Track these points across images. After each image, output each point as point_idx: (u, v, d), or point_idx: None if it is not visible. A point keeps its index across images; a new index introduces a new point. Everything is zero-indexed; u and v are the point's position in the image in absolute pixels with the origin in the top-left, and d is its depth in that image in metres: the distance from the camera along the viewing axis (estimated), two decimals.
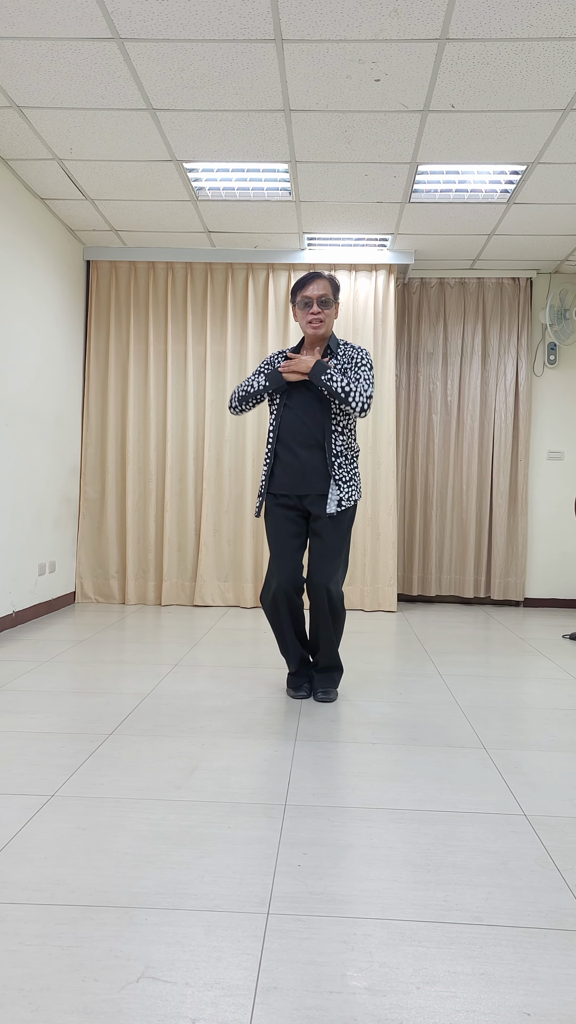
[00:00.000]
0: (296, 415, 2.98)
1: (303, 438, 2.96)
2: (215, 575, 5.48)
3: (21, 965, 1.28)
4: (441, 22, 2.83)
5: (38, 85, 3.32)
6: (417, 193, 4.36)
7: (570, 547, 5.83)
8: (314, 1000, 1.21)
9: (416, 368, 5.81)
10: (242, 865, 1.63)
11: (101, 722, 2.62)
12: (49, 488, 4.93)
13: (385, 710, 2.86)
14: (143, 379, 5.56)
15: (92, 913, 1.43)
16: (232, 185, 4.32)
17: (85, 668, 3.43)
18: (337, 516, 2.94)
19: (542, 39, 2.91)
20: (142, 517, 5.53)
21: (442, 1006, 1.20)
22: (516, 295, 5.72)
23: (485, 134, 3.67)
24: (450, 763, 2.29)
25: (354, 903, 1.49)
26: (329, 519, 2.94)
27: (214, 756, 2.31)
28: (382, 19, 2.83)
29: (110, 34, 2.95)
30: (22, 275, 4.43)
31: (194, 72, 3.19)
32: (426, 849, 1.72)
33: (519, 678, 3.44)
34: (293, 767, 2.23)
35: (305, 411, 2.96)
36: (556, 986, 1.25)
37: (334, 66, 3.13)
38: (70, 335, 5.27)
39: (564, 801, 2.02)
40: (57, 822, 1.82)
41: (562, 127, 3.56)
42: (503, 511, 5.71)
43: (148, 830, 1.79)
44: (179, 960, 1.30)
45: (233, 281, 5.53)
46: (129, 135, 3.76)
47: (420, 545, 5.81)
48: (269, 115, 3.53)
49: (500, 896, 1.52)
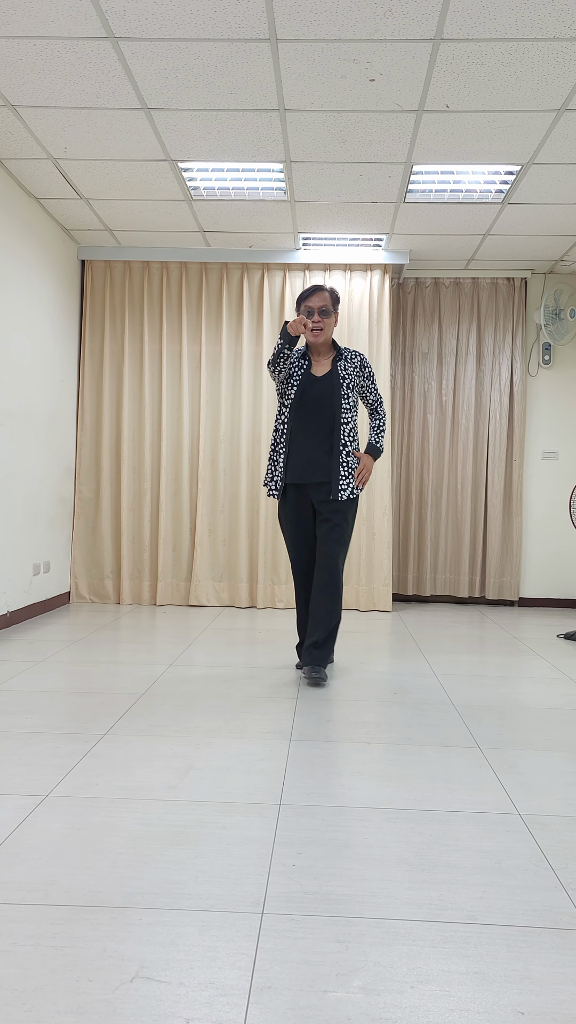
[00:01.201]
0: (309, 409, 3.31)
1: (315, 430, 3.30)
2: (210, 575, 5.48)
3: (14, 965, 1.27)
4: (435, 22, 2.84)
5: (32, 84, 3.31)
6: (412, 193, 4.36)
7: (564, 547, 5.84)
8: (308, 999, 1.21)
9: (411, 368, 5.82)
10: (237, 865, 1.63)
11: (95, 722, 2.62)
12: (43, 488, 4.92)
13: (380, 709, 2.86)
14: (138, 379, 5.56)
15: (86, 913, 1.43)
16: (227, 185, 4.32)
17: (80, 668, 3.42)
18: (347, 502, 3.29)
19: (536, 39, 2.92)
20: (137, 517, 5.52)
21: (436, 1005, 1.20)
22: (511, 295, 5.73)
23: (480, 134, 3.67)
24: (445, 762, 2.29)
25: (349, 902, 1.49)
26: (341, 505, 3.27)
27: (209, 756, 2.30)
28: (377, 19, 2.83)
29: (104, 33, 2.95)
30: (16, 275, 4.42)
31: (189, 71, 3.19)
32: (421, 848, 1.72)
33: (514, 678, 3.45)
34: (288, 767, 2.23)
35: (317, 405, 3.30)
36: (550, 985, 1.25)
37: (329, 66, 3.13)
38: (65, 335, 5.26)
39: (558, 800, 2.02)
40: (51, 822, 1.82)
41: (556, 127, 3.57)
42: (498, 511, 5.72)
43: (142, 830, 1.78)
44: (173, 960, 1.30)
45: (228, 281, 5.53)
46: (124, 134, 3.75)
47: (415, 545, 5.82)
48: (264, 115, 3.53)
49: (494, 895, 1.53)
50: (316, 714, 2.79)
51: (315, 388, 3.32)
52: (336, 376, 3.32)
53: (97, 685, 3.12)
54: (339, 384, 3.30)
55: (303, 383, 3.34)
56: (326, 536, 3.29)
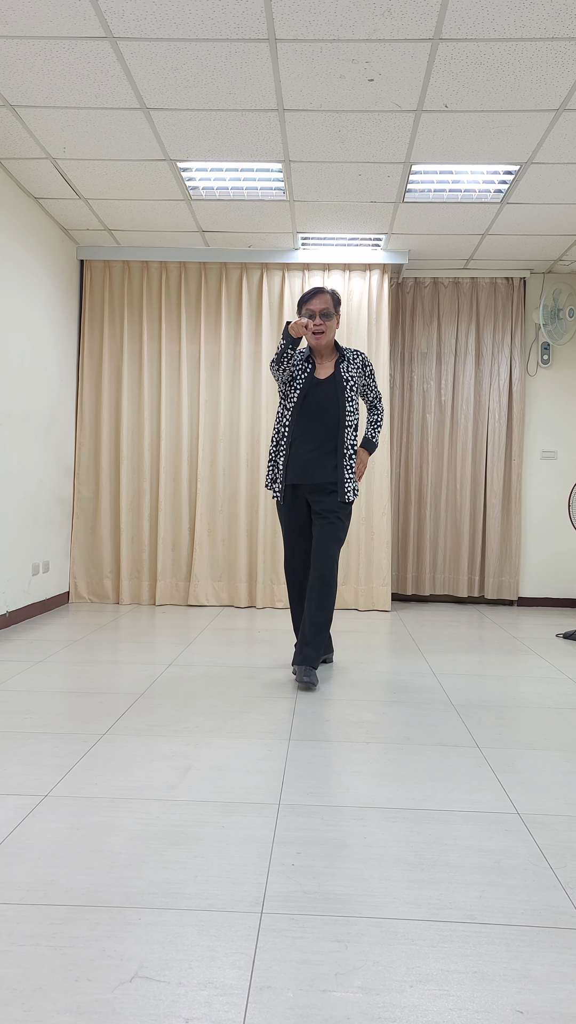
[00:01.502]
0: (312, 412, 3.32)
1: (316, 432, 3.31)
2: (209, 575, 5.48)
3: (14, 965, 1.27)
4: (434, 22, 2.84)
5: (31, 84, 3.31)
6: (411, 193, 4.36)
7: (563, 546, 5.84)
8: (308, 999, 1.21)
9: (410, 368, 5.82)
10: (236, 864, 1.63)
11: (95, 722, 2.62)
12: (43, 488, 4.92)
13: (379, 709, 2.86)
14: (137, 379, 5.56)
15: (85, 913, 1.43)
16: (226, 184, 4.32)
17: (79, 668, 3.42)
18: (346, 505, 3.31)
19: (535, 39, 2.92)
20: (136, 517, 5.52)
21: (435, 1004, 1.20)
22: (510, 295, 5.73)
23: (478, 134, 3.67)
24: (444, 762, 2.30)
25: (348, 902, 1.49)
26: (339, 506, 3.29)
27: (208, 755, 2.30)
28: (375, 19, 2.83)
29: (103, 33, 2.95)
30: (15, 275, 4.42)
31: (187, 71, 3.19)
32: (420, 848, 1.72)
33: (513, 677, 3.45)
34: (287, 766, 2.23)
35: (322, 408, 3.31)
36: (549, 984, 1.26)
37: (328, 66, 3.13)
38: (64, 335, 5.26)
39: (557, 800, 2.02)
40: (51, 822, 1.82)
41: (555, 127, 3.57)
42: (497, 510, 5.72)
43: (142, 830, 1.78)
44: (172, 960, 1.30)
45: (227, 281, 5.53)
46: (123, 134, 3.75)
47: (414, 544, 5.82)
48: (263, 114, 3.53)
49: (493, 894, 1.53)
50: (315, 714, 2.79)
51: (319, 391, 3.33)
52: (339, 378, 3.33)
53: (96, 685, 3.12)
54: (343, 387, 3.31)
55: (306, 386, 3.35)
56: (323, 533, 3.29)
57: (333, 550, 3.28)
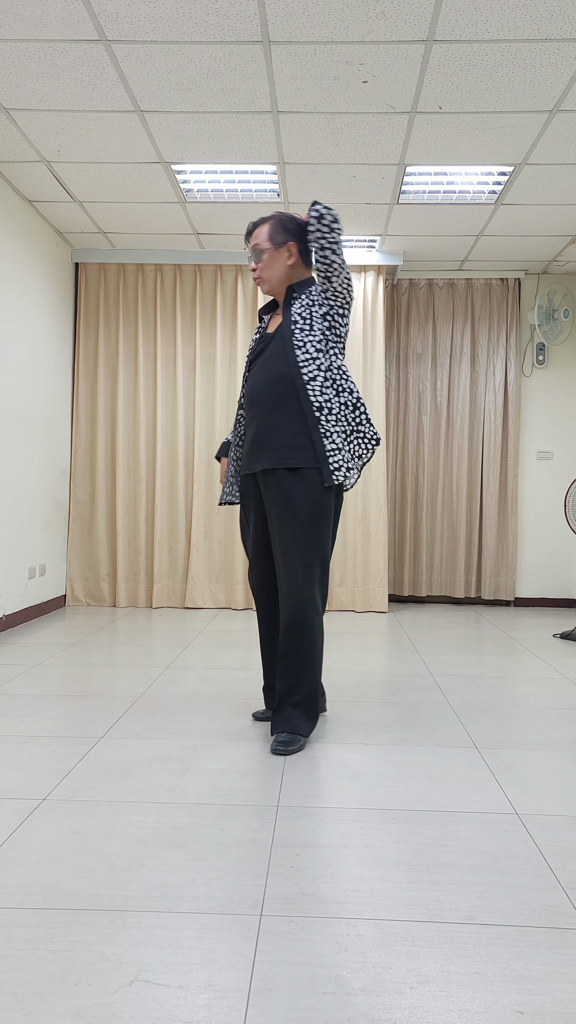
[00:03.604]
0: (259, 380, 2.44)
1: (265, 402, 2.39)
2: (206, 577, 5.48)
3: (13, 970, 1.27)
4: (428, 24, 2.84)
5: (25, 87, 3.31)
6: (405, 194, 4.37)
7: (560, 547, 5.85)
8: (308, 1001, 1.21)
9: (405, 369, 5.82)
10: (235, 867, 1.62)
11: (92, 725, 2.61)
12: (38, 491, 4.91)
13: (377, 710, 2.86)
14: (132, 381, 5.55)
15: (84, 917, 1.43)
16: (220, 187, 4.32)
17: (76, 671, 3.42)
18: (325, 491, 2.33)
19: (528, 40, 2.92)
20: (132, 519, 5.51)
21: (436, 1006, 1.20)
22: (504, 296, 5.74)
23: (472, 135, 3.68)
24: (442, 763, 2.30)
25: (347, 904, 1.49)
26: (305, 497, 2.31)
27: (206, 758, 2.30)
28: (369, 21, 2.84)
29: (97, 36, 2.95)
30: (9, 278, 4.41)
31: (182, 74, 3.19)
32: (419, 849, 1.72)
33: (510, 677, 3.45)
34: (285, 768, 2.22)
35: (267, 369, 2.42)
36: (549, 984, 1.26)
37: (321, 68, 3.13)
38: (59, 338, 5.25)
39: (556, 800, 2.02)
40: (49, 826, 1.81)
41: (549, 128, 3.58)
42: (493, 511, 5.73)
43: (140, 833, 1.78)
44: (172, 963, 1.29)
45: (222, 283, 5.53)
46: (117, 137, 3.75)
47: (411, 545, 5.82)
48: (257, 116, 3.53)
49: (493, 895, 1.53)
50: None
51: (266, 352, 2.46)
52: (287, 321, 2.42)
53: (94, 688, 3.12)
54: (290, 333, 2.38)
55: (253, 352, 2.54)
56: (281, 551, 2.36)
57: (299, 579, 2.33)
